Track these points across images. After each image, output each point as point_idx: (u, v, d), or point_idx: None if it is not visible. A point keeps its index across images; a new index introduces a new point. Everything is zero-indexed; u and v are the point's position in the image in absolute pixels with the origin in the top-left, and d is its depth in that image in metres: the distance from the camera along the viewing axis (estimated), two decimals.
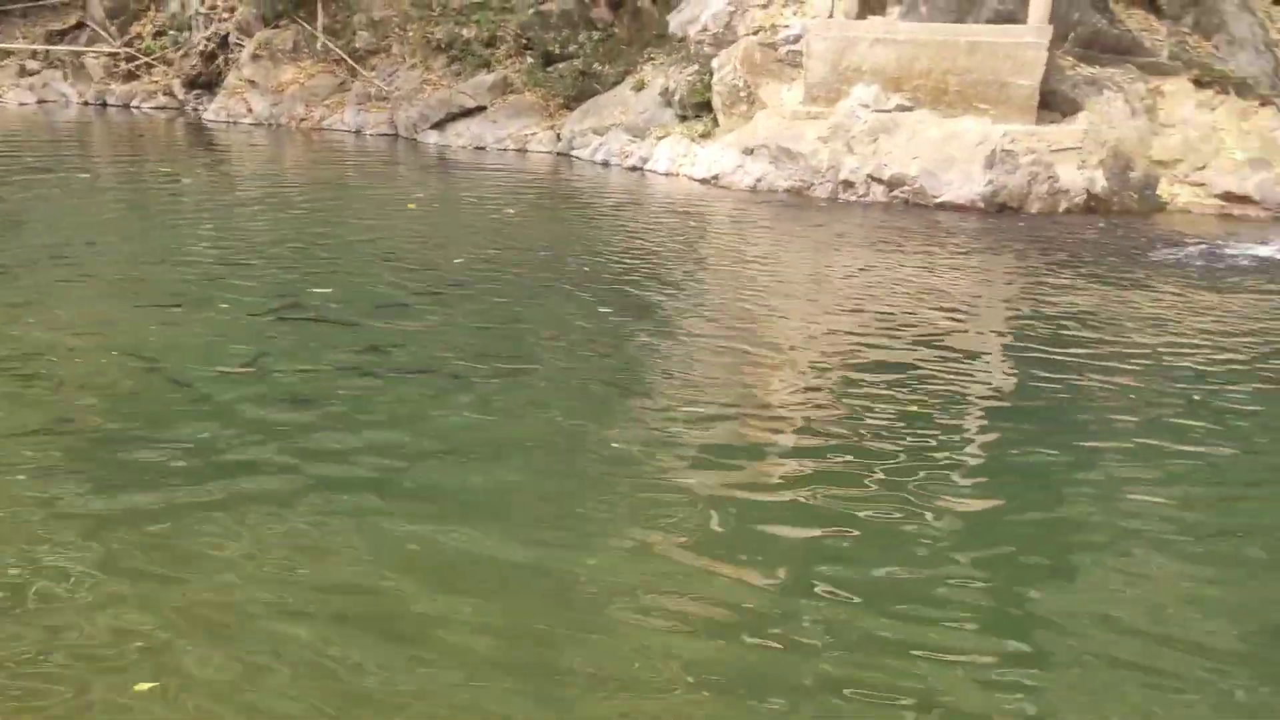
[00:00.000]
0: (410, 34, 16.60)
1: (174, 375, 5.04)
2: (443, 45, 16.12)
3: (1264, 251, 9.22)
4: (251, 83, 17.39)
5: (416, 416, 4.68)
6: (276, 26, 17.89)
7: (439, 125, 15.42)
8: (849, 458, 4.34)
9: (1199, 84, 12.03)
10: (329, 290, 6.73)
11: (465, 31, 15.97)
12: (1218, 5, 12.70)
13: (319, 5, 17.11)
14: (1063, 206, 10.82)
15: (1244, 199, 11.24)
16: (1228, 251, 9.21)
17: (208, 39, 18.09)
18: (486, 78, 15.64)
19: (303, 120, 16.60)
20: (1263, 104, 12.00)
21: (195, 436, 4.34)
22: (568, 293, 6.91)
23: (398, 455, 4.26)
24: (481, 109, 15.41)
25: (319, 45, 17.25)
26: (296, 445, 4.30)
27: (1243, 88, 12.09)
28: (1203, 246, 9.35)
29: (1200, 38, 12.59)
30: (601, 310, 6.52)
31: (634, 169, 13.14)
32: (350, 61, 16.81)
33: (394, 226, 9.07)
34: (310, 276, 7.11)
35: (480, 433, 4.52)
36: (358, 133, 15.97)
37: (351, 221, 9.30)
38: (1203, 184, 11.42)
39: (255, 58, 17.56)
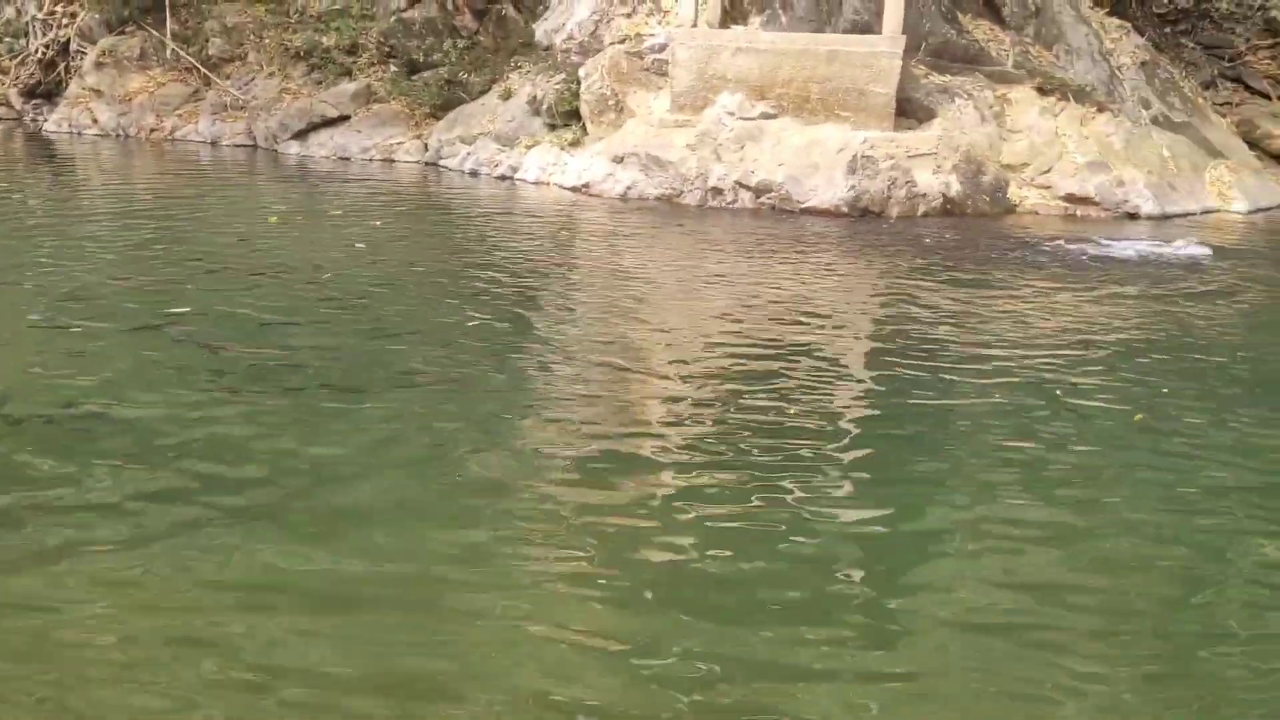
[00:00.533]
0: (266, 41, 16.10)
1: (9, 411, 4.74)
2: (301, 53, 15.68)
3: (1113, 250, 9.75)
4: (96, 92, 16.56)
5: (280, 439, 4.53)
6: (122, 33, 17.09)
7: (300, 135, 14.99)
8: (721, 473, 4.35)
9: (1042, 91, 12.65)
10: (185, 310, 6.45)
11: (325, 39, 15.57)
12: (1056, 17, 13.39)
13: (168, 11, 16.42)
14: (921, 210, 11.22)
15: (1085, 200, 11.88)
16: (1077, 250, 9.71)
17: (46, 46, 17.15)
18: (349, 86, 15.28)
19: (154, 131, 15.90)
20: (1099, 110, 12.70)
21: (37, 475, 4.09)
22: (439, 306, 6.81)
23: (260, 481, 4.12)
24: (345, 118, 15.04)
25: (169, 53, 16.55)
26: (152, 475, 4.11)
27: (1081, 95, 12.77)
28: (1054, 245, 9.83)
29: (1041, 47, 13.25)
30: (473, 324, 6.44)
31: (503, 178, 13.04)
32: (203, 70, 16.19)
33: (255, 241, 8.78)
34: (165, 296, 6.80)
35: (348, 455, 4.41)
36: (214, 143, 15.38)
37: (209, 237, 8.96)
38: (1048, 186, 12.01)
39: (99, 65, 16.73)
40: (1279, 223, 12.43)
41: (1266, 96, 15.20)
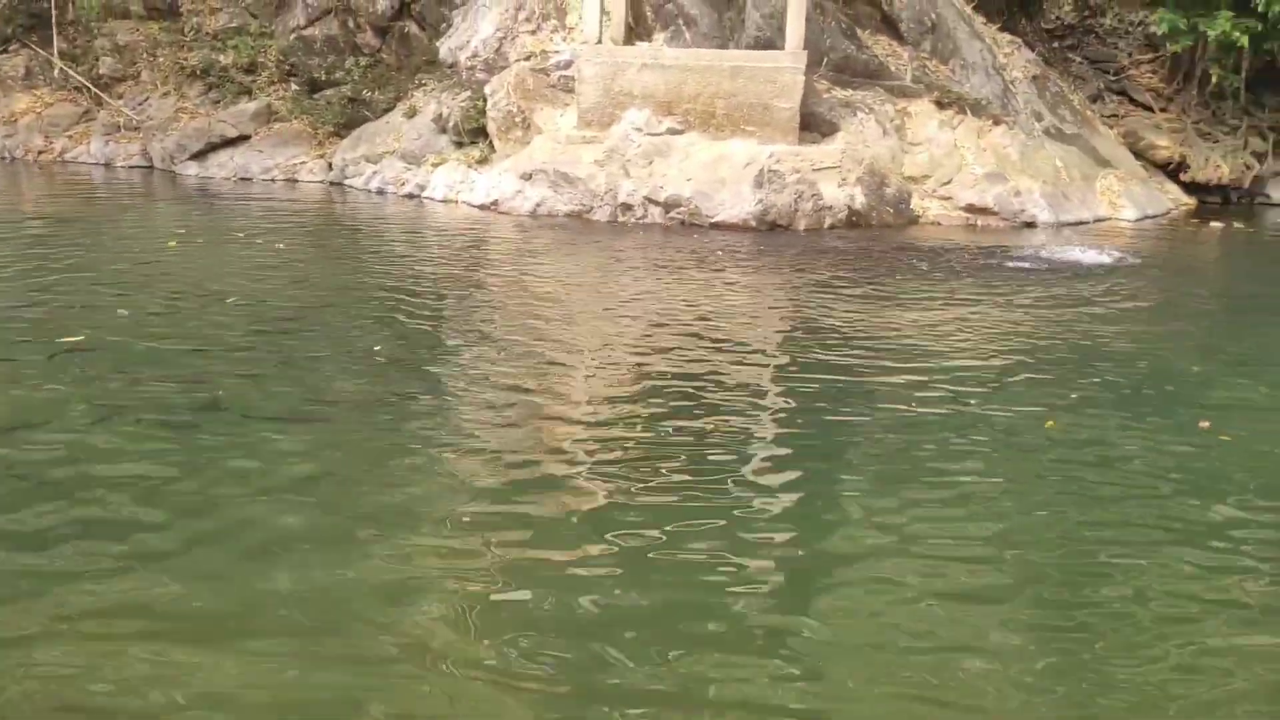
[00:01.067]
0: (161, 60, 15.65)
1: None
2: (198, 72, 15.29)
3: (1018, 261, 10.05)
4: None
5: (178, 471, 4.37)
6: (4, 51, 16.45)
7: (199, 156, 14.60)
8: (637, 497, 4.29)
9: (940, 105, 13.00)
10: (79, 338, 6.20)
11: (222, 57, 15.21)
12: (952, 33, 13.79)
13: (54, 29, 15.84)
14: (828, 223, 11.41)
15: (985, 210, 12.23)
16: (984, 259, 9.98)
17: None
18: (248, 105, 14.95)
19: (42, 153, 15.32)
20: (995, 123, 13.11)
21: None
22: (348, 331, 6.67)
23: (159, 514, 3.96)
24: (245, 138, 14.70)
25: (56, 72, 15.97)
26: (43, 512, 3.93)
27: (977, 108, 13.16)
28: (960, 255, 10.08)
29: (938, 62, 13.62)
30: (383, 348, 6.32)
31: (410, 197, 12.88)
32: (94, 89, 15.66)
33: (154, 267, 8.48)
34: (56, 324, 6.52)
35: (250, 485, 4.27)
36: (107, 165, 14.88)
37: (104, 263, 8.63)
38: (949, 197, 12.34)
39: None
40: (1170, 230, 12.98)
41: (1150, 109, 15.86)
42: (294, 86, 15.12)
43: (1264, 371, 6.48)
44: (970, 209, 12.24)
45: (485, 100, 12.85)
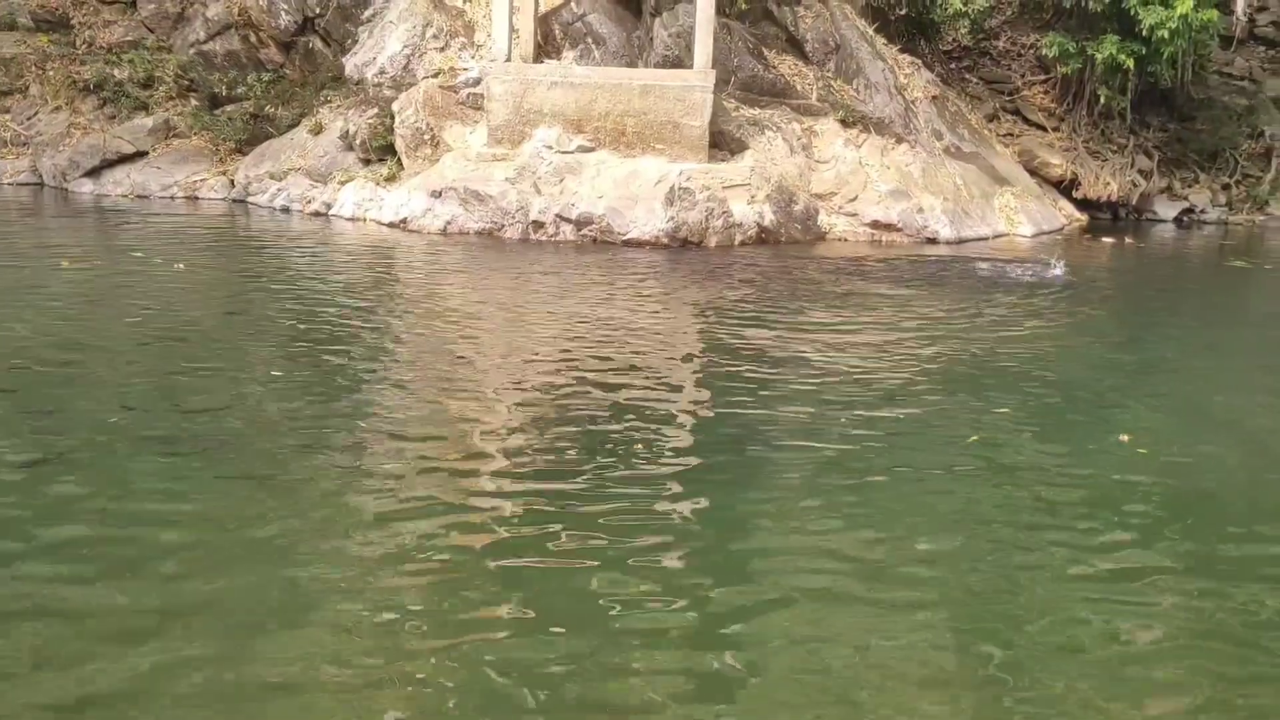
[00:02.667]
0: (51, 73, 15.09)
1: None
2: (91, 86, 14.78)
3: (946, 271, 10.30)
4: None
5: (73, 504, 4.20)
6: None
7: (93, 173, 14.10)
8: (547, 522, 4.27)
9: (845, 124, 13.29)
10: None
11: (117, 71, 14.74)
12: (855, 53, 14.11)
13: None
14: (738, 239, 11.55)
15: (890, 226, 12.52)
16: (883, 276, 10.20)
17: None
18: (145, 121, 14.50)
19: None
20: (898, 141, 13.44)
21: None
22: (251, 354, 6.50)
23: (50, 561, 3.80)
24: (142, 154, 14.26)
25: None
26: None
27: (880, 126, 13.49)
28: (870, 268, 10.30)
29: (843, 82, 13.93)
30: (289, 371, 6.18)
31: (317, 215, 12.65)
32: None
33: (45, 289, 8.15)
34: None
35: (158, 516, 4.13)
36: None
37: None
38: (855, 214, 12.60)
39: None
40: (1065, 245, 13.45)
41: (1043, 128, 16.47)
42: (194, 102, 14.74)
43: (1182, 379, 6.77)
44: (876, 225, 12.52)
45: (393, 117, 12.71)
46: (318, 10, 14.42)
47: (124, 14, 15.43)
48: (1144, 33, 13.93)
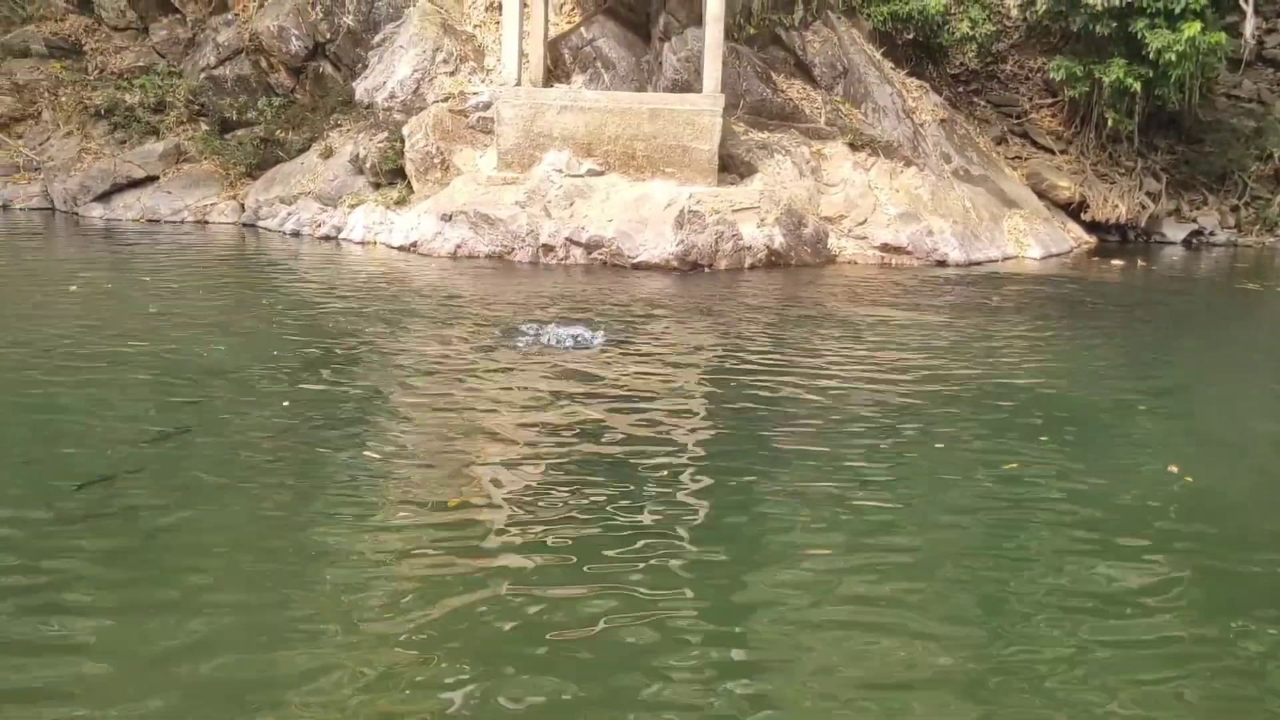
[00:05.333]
0: (63, 99, 15.19)
1: None
2: (102, 111, 14.87)
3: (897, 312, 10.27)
4: None
5: (84, 541, 4.18)
6: None
7: (104, 197, 14.16)
8: (559, 541, 4.24)
9: (854, 147, 13.31)
10: None
11: (128, 97, 14.82)
12: (863, 77, 14.15)
13: None
14: (748, 262, 11.54)
15: (899, 249, 12.51)
16: (895, 299, 10.18)
17: None
18: (156, 146, 14.57)
19: None
20: (906, 164, 13.45)
21: None
22: (261, 380, 6.48)
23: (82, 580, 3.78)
24: (153, 179, 14.33)
25: None
26: None
27: (889, 150, 13.51)
28: (876, 292, 10.27)
29: (851, 105, 13.96)
30: (294, 397, 6.16)
31: (327, 238, 12.67)
32: None
33: (54, 312, 8.15)
34: None
35: (158, 539, 4.11)
36: (5, 207, 14.35)
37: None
38: (865, 237, 12.59)
39: None
40: (1074, 267, 13.42)
41: (1050, 151, 16.49)
42: (204, 126, 14.81)
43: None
44: (885, 248, 12.51)
45: (403, 141, 12.75)
46: (328, 35, 14.51)
47: (135, 40, 15.54)
48: (1151, 56, 13.95)
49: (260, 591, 3.74)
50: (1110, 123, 15.52)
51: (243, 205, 13.95)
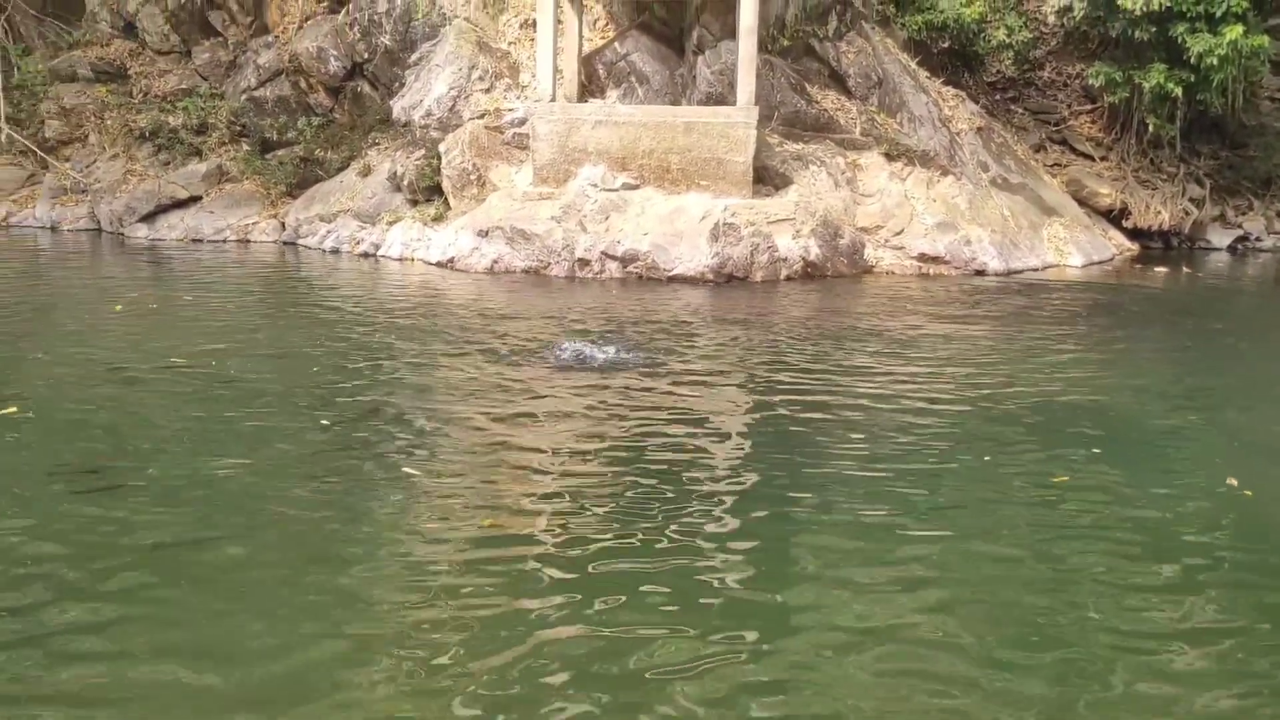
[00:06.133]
0: (109, 122, 15.51)
1: None
2: (147, 133, 15.16)
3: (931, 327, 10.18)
4: None
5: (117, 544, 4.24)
6: None
7: (149, 218, 14.43)
8: (599, 563, 4.24)
9: (889, 157, 13.24)
10: (12, 410, 5.99)
11: (171, 119, 15.10)
12: (898, 86, 14.08)
13: (0, 93, 15.65)
14: (783, 274, 11.50)
15: (937, 259, 12.41)
16: (932, 310, 10.10)
17: None
18: (199, 167, 14.83)
19: None
20: (943, 173, 13.36)
21: None
22: (302, 397, 6.55)
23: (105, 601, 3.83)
24: (196, 199, 14.57)
25: (2, 136, 15.75)
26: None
27: (925, 159, 13.42)
28: (894, 313, 10.20)
29: (886, 115, 13.89)
30: (335, 416, 6.21)
31: (366, 255, 12.81)
32: (39, 152, 15.45)
33: (99, 330, 8.31)
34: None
35: (202, 553, 4.16)
36: (54, 228, 14.67)
37: (47, 328, 8.45)
38: (901, 247, 12.51)
39: None
40: (1117, 275, 13.24)
41: (1090, 157, 16.29)
42: (245, 147, 15.04)
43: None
44: (923, 258, 12.42)
45: (440, 158, 12.87)
46: (366, 55, 14.69)
47: (179, 63, 15.83)
48: (1192, 60, 13.76)
49: (298, 621, 3.77)
50: (1151, 128, 15.32)
51: (283, 224, 14.14)
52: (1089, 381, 7.33)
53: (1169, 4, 13.54)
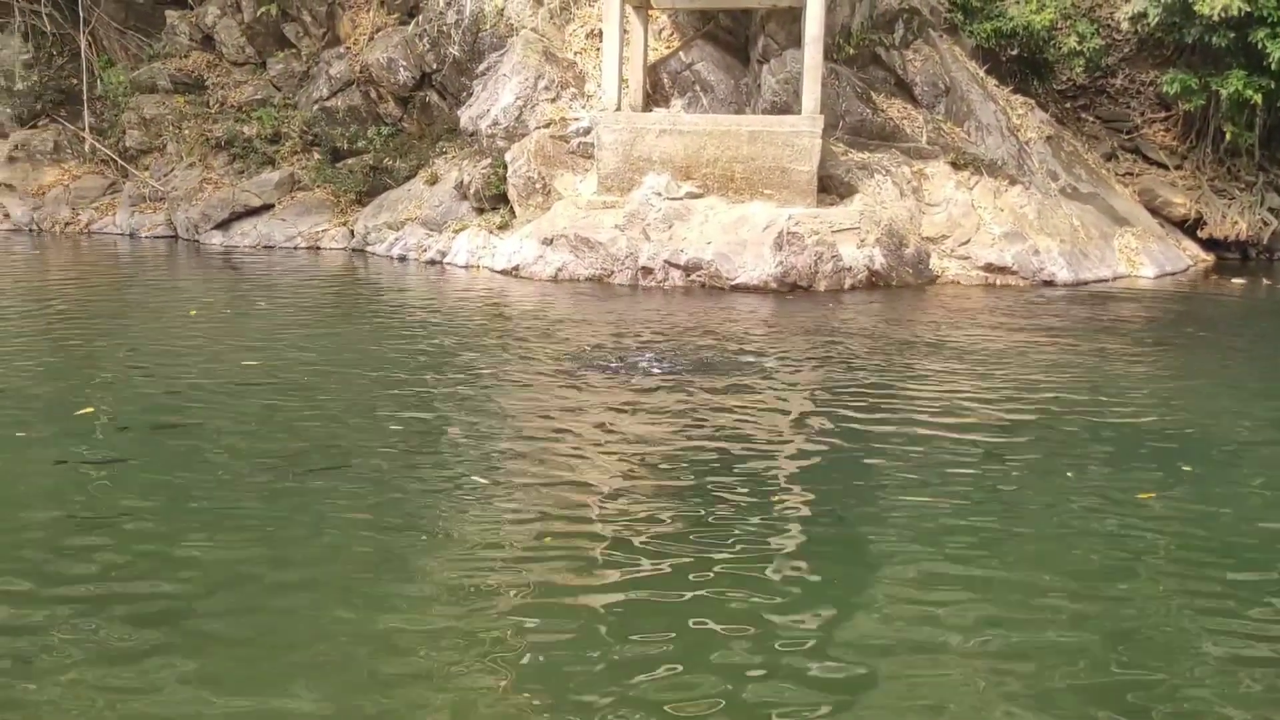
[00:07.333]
0: (186, 132, 15.96)
1: None
2: (222, 143, 15.58)
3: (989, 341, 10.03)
4: (8, 186, 16.22)
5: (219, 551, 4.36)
6: (34, 126, 16.83)
7: (223, 225, 14.82)
8: (653, 573, 4.23)
9: (956, 166, 13.09)
10: (89, 410, 6.19)
11: (246, 129, 15.50)
12: (965, 95, 13.94)
13: (85, 104, 16.21)
14: (848, 283, 11.43)
15: (1004, 269, 12.25)
16: (999, 321, 9.97)
17: None
18: (272, 175, 15.19)
19: (68, 225, 15.61)
20: (1011, 183, 13.18)
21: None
22: (369, 403, 6.67)
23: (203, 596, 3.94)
24: (269, 207, 14.93)
25: (85, 145, 16.31)
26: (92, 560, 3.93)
27: (993, 168, 13.25)
28: (966, 322, 10.07)
29: (953, 124, 13.75)
30: (403, 429, 6.32)
31: (432, 263, 13.01)
32: (120, 161, 15.97)
33: (174, 333, 8.55)
34: (75, 397, 6.51)
35: (289, 549, 4.26)
36: (132, 236, 15.14)
37: (125, 330, 8.72)
38: (968, 257, 12.36)
39: (11, 160, 16.43)
40: (1192, 287, 12.94)
41: (1164, 166, 15.96)
42: (317, 156, 15.37)
43: None
44: (989, 268, 12.26)
45: (506, 167, 13.03)
46: (434, 66, 14.93)
47: (254, 74, 16.24)
48: (1273, 66, 13.41)
49: (358, 633, 3.86)
50: (1229, 136, 14.96)
51: (352, 231, 14.42)
52: (1165, 393, 7.18)
53: (1249, 9, 13.22)
